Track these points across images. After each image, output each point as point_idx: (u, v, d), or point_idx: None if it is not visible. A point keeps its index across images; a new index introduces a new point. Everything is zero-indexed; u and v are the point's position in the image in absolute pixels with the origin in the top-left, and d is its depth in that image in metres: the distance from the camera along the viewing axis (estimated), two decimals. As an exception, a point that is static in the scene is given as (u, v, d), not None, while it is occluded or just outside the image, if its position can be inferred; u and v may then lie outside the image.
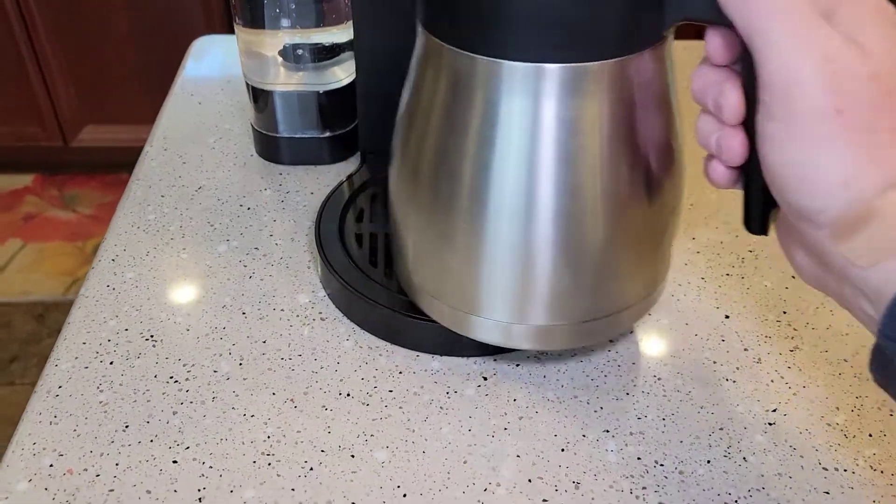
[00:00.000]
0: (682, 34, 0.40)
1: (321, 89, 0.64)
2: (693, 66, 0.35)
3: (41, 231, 1.88)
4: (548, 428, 0.44)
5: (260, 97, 0.65)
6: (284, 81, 0.64)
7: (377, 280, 0.51)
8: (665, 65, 0.39)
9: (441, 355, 0.48)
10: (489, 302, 0.43)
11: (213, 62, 0.83)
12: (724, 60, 0.33)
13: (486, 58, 0.37)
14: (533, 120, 0.37)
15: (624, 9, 0.35)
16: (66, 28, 1.81)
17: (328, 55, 0.64)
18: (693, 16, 0.35)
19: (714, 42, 0.33)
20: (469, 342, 0.48)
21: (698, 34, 0.36)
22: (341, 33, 0.63)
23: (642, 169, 0.40)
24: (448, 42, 0.38)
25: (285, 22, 0.62)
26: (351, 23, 0.60)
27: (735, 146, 0.33)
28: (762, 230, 0.36)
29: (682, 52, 0.44)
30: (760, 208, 0.35)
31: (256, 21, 0.62)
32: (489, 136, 0.38)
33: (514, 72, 0.36)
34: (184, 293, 0.52)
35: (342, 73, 0.65)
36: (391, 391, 0.46)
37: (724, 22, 0.31)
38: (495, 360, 0.48)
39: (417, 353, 0.49)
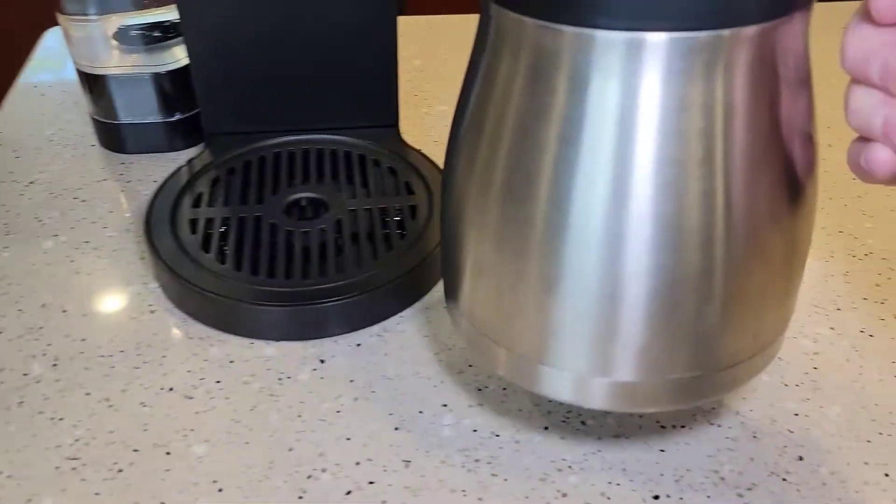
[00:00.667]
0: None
1: (159, 70, 0.61)
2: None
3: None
4: (383, 407, 0.42)
5: (94, 84, 0.61)
6: (118, 64, 0.60)
7: (209, 267, 0.48)
8: (808, 34, 0.30)
9: (277, 341, 0.46)
10: (564, 348, 0.33)
11: (62, 53, 0.78)
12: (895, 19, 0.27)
13: (577, 28, 0.27)
14: (634, 109, 0.28)
15: None
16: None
17: (165, 35, 0.61)
18: None
19: None
20: (306, 325, 0.46)
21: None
22: (173, 12, 0.60)
23: (781, 176, 0.31)
24: (529, 14, 0.28)
25: (114, 3, 0.59)
26: None
27: None
28: None
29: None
30: None
31: (85, 4, 0.58)
32: (575, 132, 0.29)
33: (611, 44, 0.27)
34: (1, 294, 0.49)
35: (181, 53, 0.61)
36: (219, 382, 0.43)
37: None
38: (335, 341, 0.46)
39: (252, 340, 0.46)
